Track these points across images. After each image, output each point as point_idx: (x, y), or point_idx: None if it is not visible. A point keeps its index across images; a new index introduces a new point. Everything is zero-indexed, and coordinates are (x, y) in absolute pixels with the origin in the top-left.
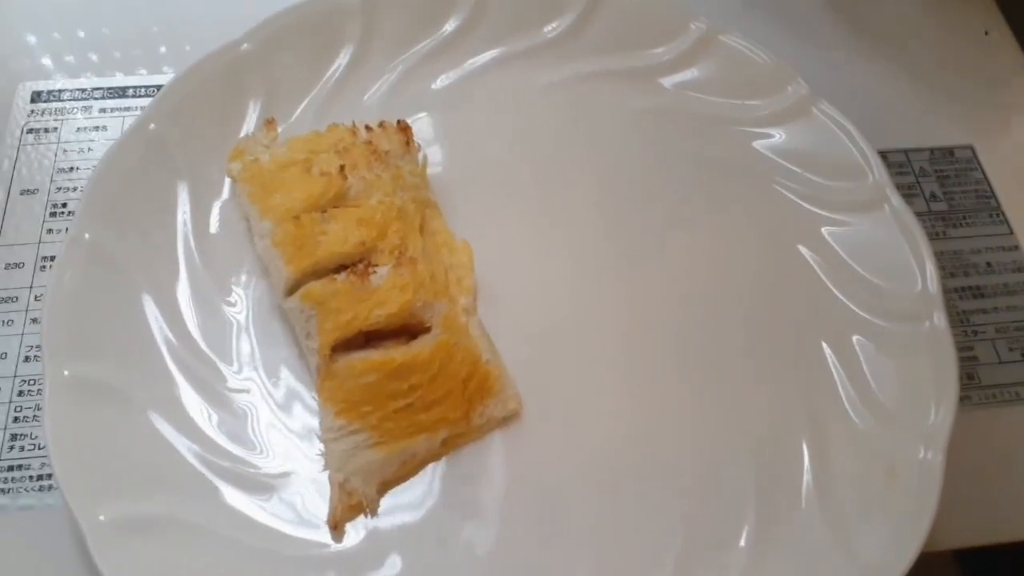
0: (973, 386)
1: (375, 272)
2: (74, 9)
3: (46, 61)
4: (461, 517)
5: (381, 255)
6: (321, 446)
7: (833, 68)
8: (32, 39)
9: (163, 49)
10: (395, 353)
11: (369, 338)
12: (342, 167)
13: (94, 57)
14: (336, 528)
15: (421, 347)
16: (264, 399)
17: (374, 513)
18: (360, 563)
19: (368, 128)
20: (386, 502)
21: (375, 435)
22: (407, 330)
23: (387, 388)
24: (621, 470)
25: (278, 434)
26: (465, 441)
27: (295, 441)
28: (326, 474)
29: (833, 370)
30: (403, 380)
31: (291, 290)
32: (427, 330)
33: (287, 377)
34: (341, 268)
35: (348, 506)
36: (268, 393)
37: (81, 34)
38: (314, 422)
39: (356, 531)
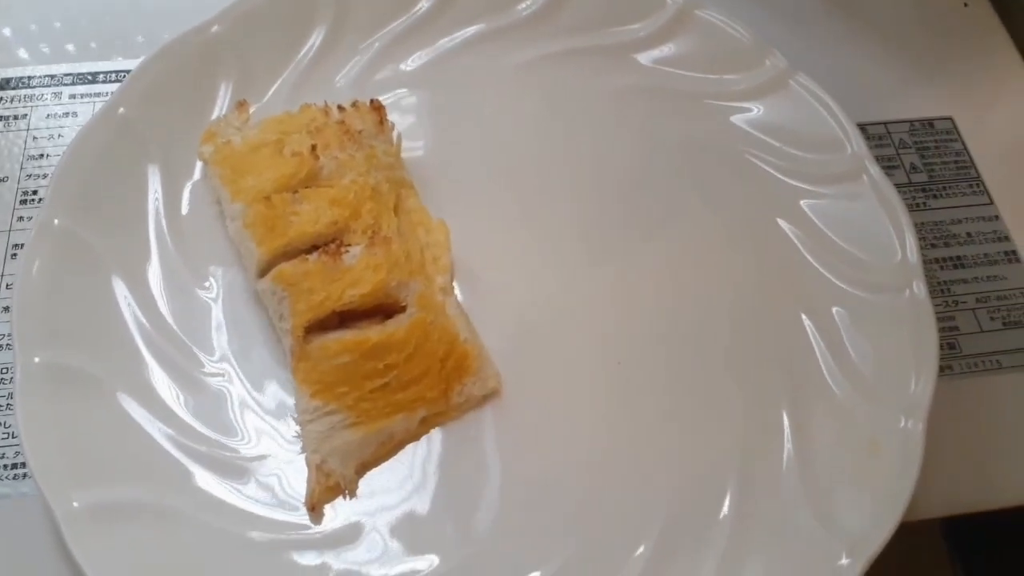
0: (955, 355)
1: (348, 252)
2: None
3: (18, 50)
4: (443, 497)
5: (354, 235)
6: (297, 428)
7: (812, 41)
8: (6, 30)
9: (140, 38)
10: (370, 333)
11: (343, 318)
12: (314, 147)
13: (71, 48)
14: (314, 510)
15: (396, 326)
16: (239, 382)
17: (352, 494)
18: (338, 544)
19: (341, 108)
20: (365, 484)
21: (352, 416)
22: (382, 310)
23: (363, 368)
24: (603, 445)
25: (253, 416)
26: (444, 420)
27: (271, 423)
28: (303, 456)
29: (813, 342)
30: (379, 360)
31: (263, 271)
32: (402, 309)
33: (261, 359)
34: (313, 248)
35: (326, 487)
36: (243, 375)
37: (57, 25)
38: (290, 403)
39: (334, 512)
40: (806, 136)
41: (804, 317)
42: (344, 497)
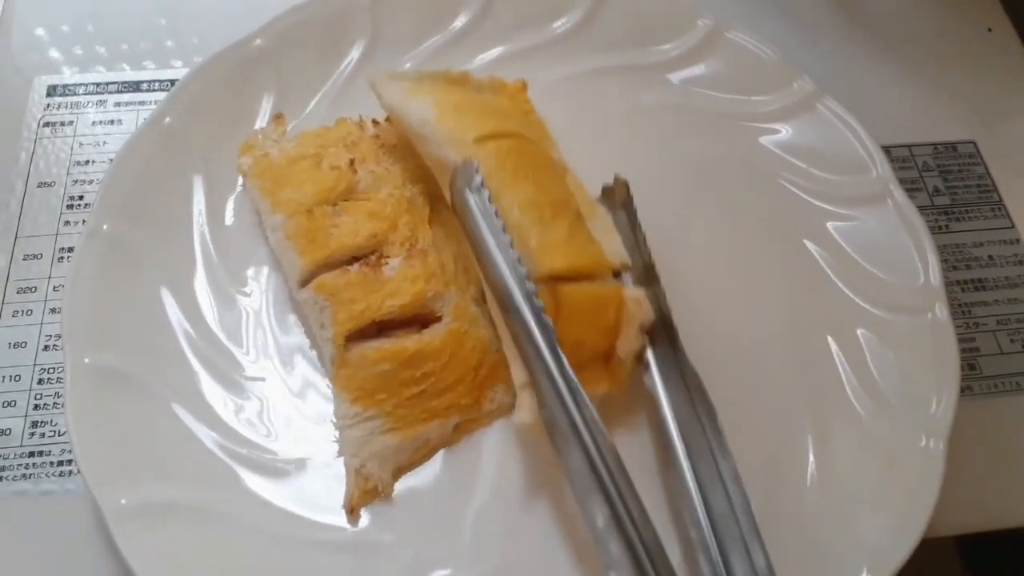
0: (975, 376)
1: (387, 263)
2: (85, 4)
3: (63, 55)
4: (470, 499)
5: (392, 247)
6: (336, 433)
7: (838, 64)
8: (42, 33)
9: (170, 43)
10: (407, 342)
11: (382, 328)
12: (352, 161)
13: (103, 51)
14: (352, 512)
15: (433, 336)
16: (280, 386)
17: (389, 497)
18: (375, 546)
19: (375, 122)
20: (398, 487)
21: (390, 421)
22: (419, 319)
23: (400, 376)
24: (627, 457)
25: (294, 421)
26: (476, 427)
27: (310, 427)
28: (341, 460)
29: (837, 362)
30: (416, 368)
31: (305, 282)
32: (438, 319)
33: (302, 365)
34: (353, 260)
35: (364, 491)
36: (283, 381)
37: (90, 28)
38: (328, 409)
39: (369, 516)
40: (832, 158)
41: (829, 337)
42: (381, 499)
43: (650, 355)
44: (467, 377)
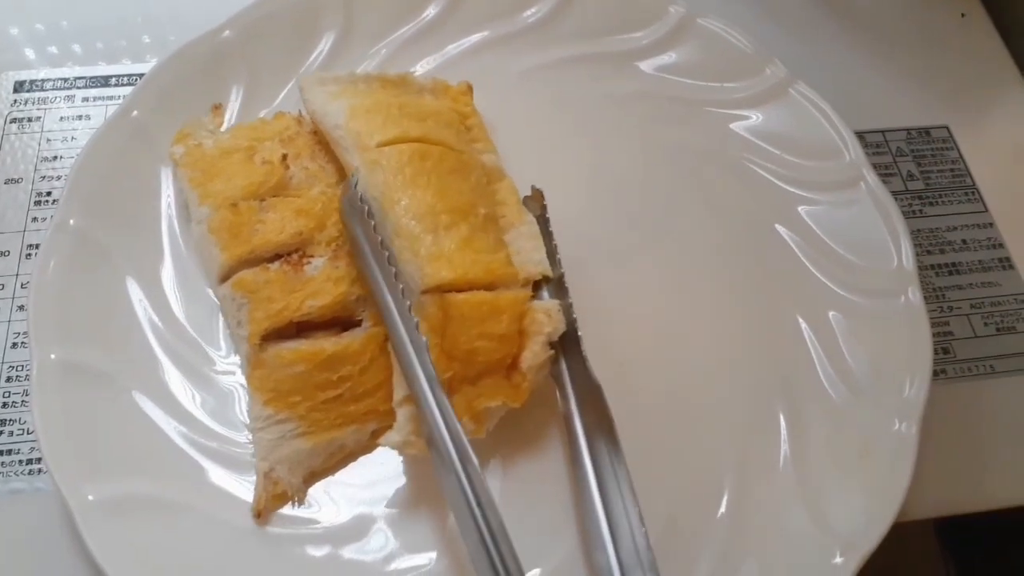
0: (949, 360)
1: (310, 263)
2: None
3: (28, 52)
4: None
5: (318, 246)
6: (248, 435)
7: (811, 50)
8: (14, 30)
9: (146, 39)
10: (325, 344)
11: (300, 328)
12: (284, 156)
13: (77, 48)
14: (260, 516)
15: (352, 339)
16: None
17: (301, 503)
18: (346, 537)
19: None
20: (366, 475)
21: (303, 425)
22: (339, 322)
23: (316, 378)
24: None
25: None
26: None
27: None
28: None
29: (810, 345)
30: (333, 371)
31: (224, 277)
32: (359, 323)
33: None
34: (276, 258)
35: (273, 495)
36: None
37: (64, 24)
38: None
39: (342, 506)
40: (805, 144)
41: (801, 321)
42: (292, 505)
43: (562, 367)
44: (386, 383)
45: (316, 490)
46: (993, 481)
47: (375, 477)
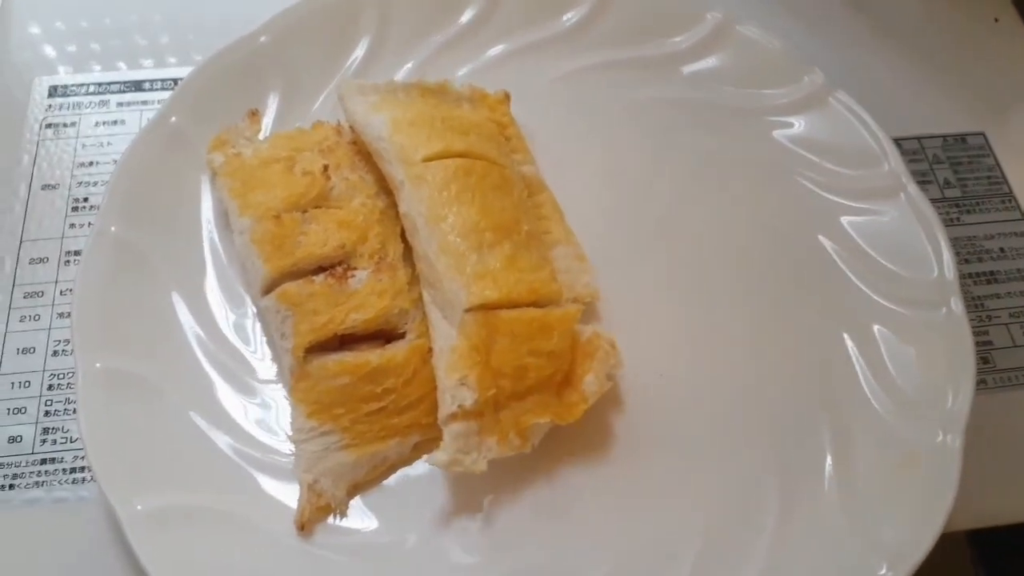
0: (988, 370)
1: (354, 276)
2: (94, 4)
3: (63, 56)
4: (483, 503)
5: (361, 259)
6: (292, 446)
7: (846, 57)
8: (48, 35)
9: (180, 43)
10: (370, 356)
11: (344, 340)
12: (325, 167)
13: (110, 52)
14: (303, 529)
15: (396, 351)
16: None
17: (343, 515)
18: (389, 549)
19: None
20: (409, 486)
21: (346, 437)
22: (383, 334)
23: (360, 391)
24: (643, 459)
25: None
26: (437, 446)
27: None
28: None
29: (853, 357)
30: (377, 383)
31: (268, 289)
32: (402, 335)
33: None
34: (320, 270)
35: (317, 507)
36: None
37: (97, 28)
38: None
39: (385, 518)
40: (844, 152)
41: (844, 332)
42: (335, 517)
43: None
44: (430, 395)
45: (358, 501)
46: None
47: (416, 489)
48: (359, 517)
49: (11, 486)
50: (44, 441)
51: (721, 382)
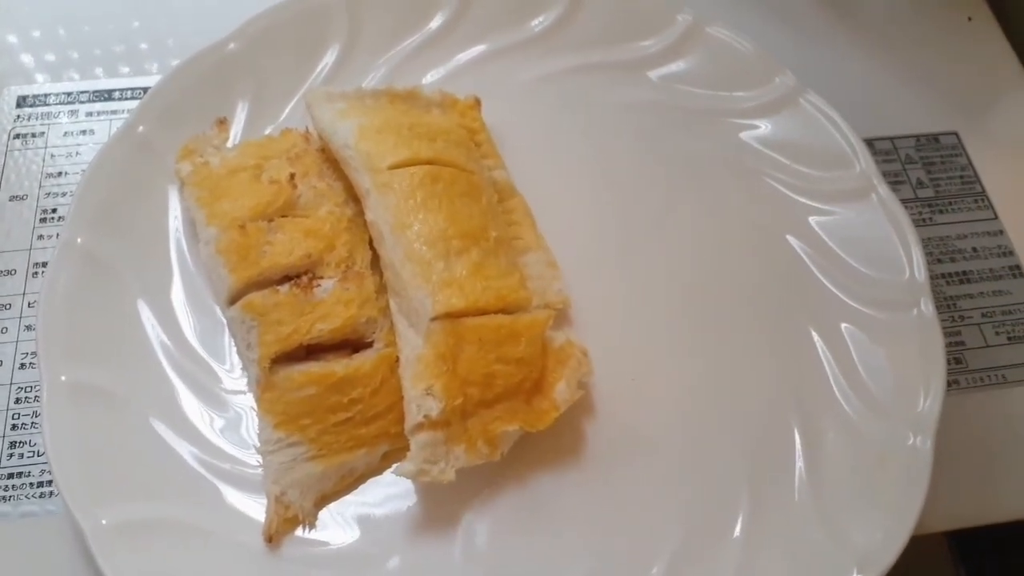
0: (961, 370)
1: (319, 285)
2: (55, 9)
3: (31, 66)
4: (457, 512)
5: (327, 267)
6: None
7: (818, 55)
8: (15, 44)
9: (147, 50)
10: (336, 366)
11: (310, 350)
12: (292, 175)
13: (79, 61)
14: (271, 541)
15: (363, 361)
16: None
17: (312, 527)
18: (358, 560)
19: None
20: (378, 496)
21: (313, 448)
22: (349, 344)
23: (327, 401)
24: (615, 464)
25: None
26: (407, 456)
27: None
28: None
29: (823, 358)
30: (343, 394)
31: (233, 299)
32: (369, 344)
33: None
34: (285, 279)
35: (284, 519)
36: None
37: (66, 37)
38: None
39: (353, 528)
40: (815, 154)
41: (814, 333)
42: (303, 529)
43: None
44: (398, 405)
45: (327, 512)
46: (1006, 492)
47: (386, 498)
48: (328, 528)
49: None
50: (11, 455)
51: (692, 385)
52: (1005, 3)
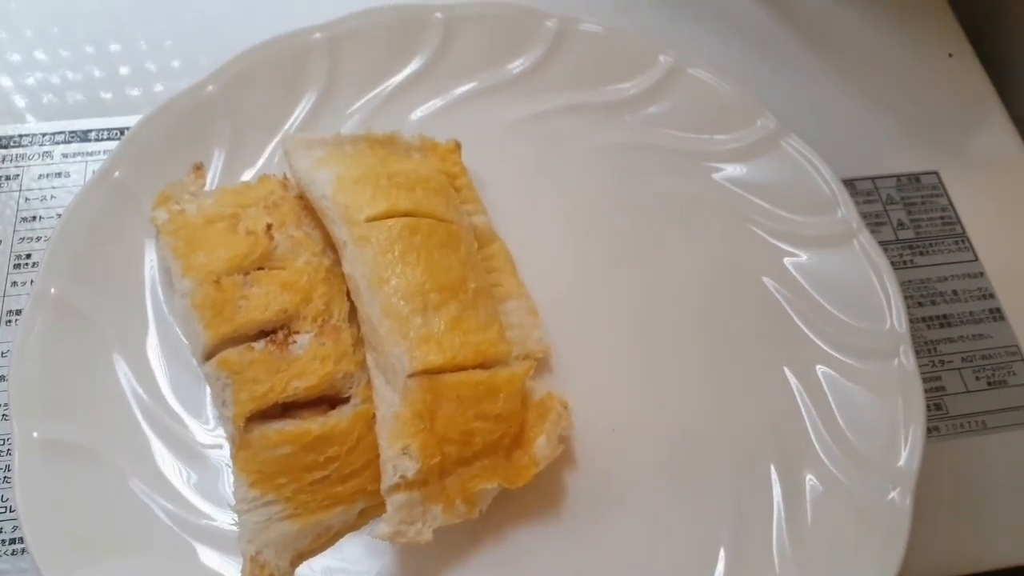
0: (942, 416)
1: (295, 341)
2: (31, 49)
3: (6, 104)
4: (436, 568)
5: (304, 322)
6: (235, 516)
7: (799, 93)
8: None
9: (131, 91)
10: (311, 425)
11: (287, 407)
12: (269, 226)
13: (51, 96)
14: None
15: (339, 418)
16: None
17: None
18: None
19: None
20: (354, 553)
21: (289, 507)
22: (327, 399)
23: (303, 460)
24: (594, 517)
25: None
26: (384, 512)
27: None
28: None
29: (804, 410)
30: (319, 452)
31: (208, 355)
32: (346, 400)
33: None
34: (261, 334)
35: None
36: None
37: (39, 73)
38: None
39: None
40: (796, 198)
41: (795, 385)
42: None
43: None
44: (375, 462)
45: (303, 569)
46: (988, 541)
47: (364, 554)
48: None
49: None
50: None
51: (672, 435)
52: (986, 39)
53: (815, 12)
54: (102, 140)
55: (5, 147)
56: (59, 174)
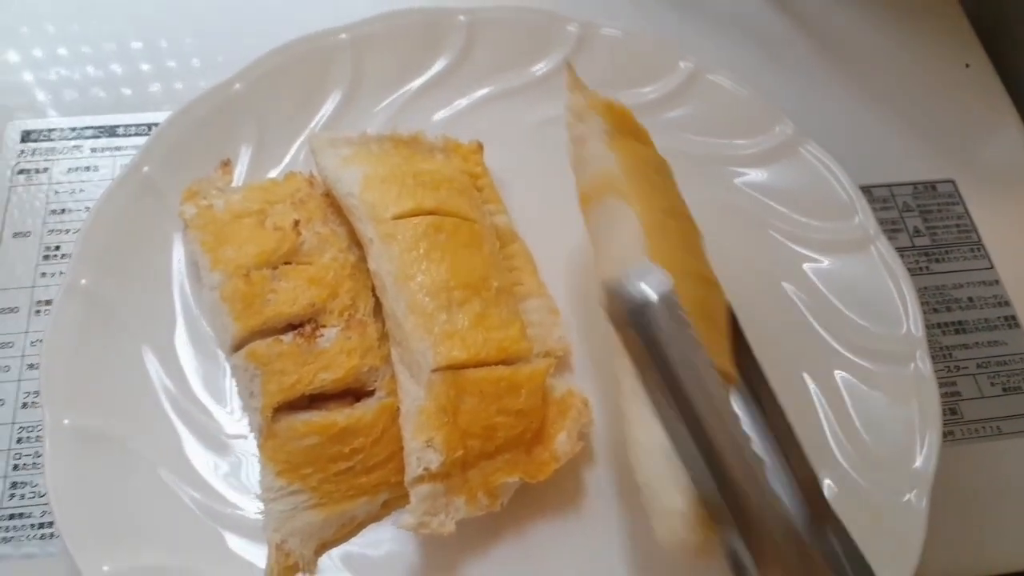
0: (956, 421)
1: (322, 335)
2: (61, 43)
3: (36, 100)
4: (457, 560)
5: (330, 316)
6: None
7: (817, 102)
8: (23, 78)
9: (154, 88)
10: (338, 416)
11: (313, 399)
12: (296, 222)
13: (83, 96)
14: None
15: (365, 410)
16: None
17: (311, 574)
18: None
19: None
20: (377, 543)
21: (315, 497)
22: (352, 392)
23: (328, 451)
24: (614, 513)
25: None
26: (407, 503)
27: None
28: None
29: (821, 413)
30: (344, 444)
31: (237, 347)
32: (371, 393)
33: None
34: (289, 328)
35: (285, 567)
36: None
37: (71, 72)
38: None
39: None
40: (814, 203)
41: (812, 387)
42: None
43: None
44: (399, 454)
45: (327, 558)
46: (1001, 545)
47: (386, 545)
48: (327, 574)
49: None
50: (12, 496)
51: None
52: (1003, 50)
53: (833, 22)
54: (130, 135)
55: (35, 141)
56: (88, 168)
